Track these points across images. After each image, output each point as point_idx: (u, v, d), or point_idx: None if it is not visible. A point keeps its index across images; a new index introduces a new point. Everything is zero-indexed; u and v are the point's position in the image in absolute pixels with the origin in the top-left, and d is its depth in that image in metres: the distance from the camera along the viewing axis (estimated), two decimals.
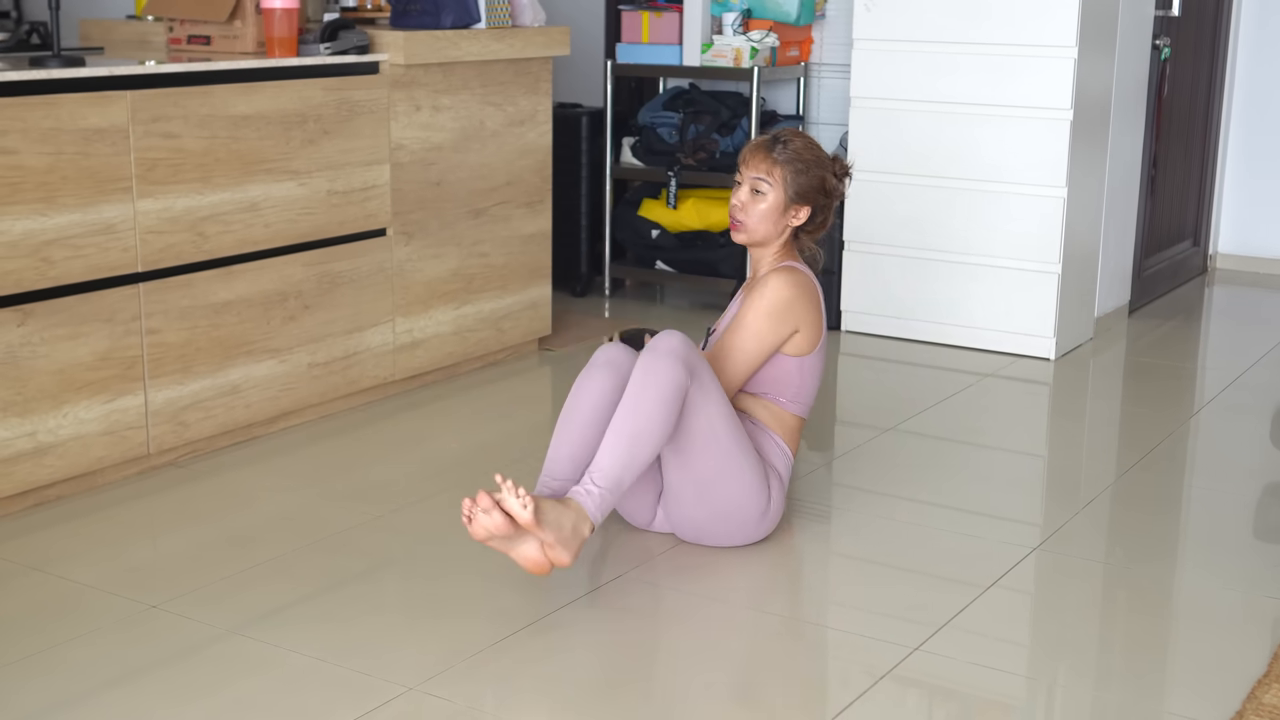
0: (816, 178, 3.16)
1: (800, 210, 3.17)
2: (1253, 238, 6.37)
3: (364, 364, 4.13)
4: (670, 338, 2.92)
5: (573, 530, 2.76)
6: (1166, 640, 2.81)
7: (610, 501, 2.82)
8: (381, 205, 4.11)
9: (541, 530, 2.73)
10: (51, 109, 3.24)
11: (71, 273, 3.33)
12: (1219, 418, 4.22)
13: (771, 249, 3.21)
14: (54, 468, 3.35)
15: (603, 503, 2.81)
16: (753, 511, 3.09)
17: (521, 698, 2.52)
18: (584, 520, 2.78)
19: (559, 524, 2.74)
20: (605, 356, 3.06)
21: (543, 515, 2.73)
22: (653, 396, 2.85)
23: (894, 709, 2.49)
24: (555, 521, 2.74)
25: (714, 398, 2.97)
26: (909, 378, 4.63)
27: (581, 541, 2.78)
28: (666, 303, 5.69)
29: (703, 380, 2.94)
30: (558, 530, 2.74)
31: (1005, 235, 4.82)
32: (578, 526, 2.77)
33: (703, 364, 2.96)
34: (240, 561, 3.06)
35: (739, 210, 3.17)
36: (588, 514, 2.78)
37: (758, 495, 3.08)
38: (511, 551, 2.78)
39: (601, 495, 2.81)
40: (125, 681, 2.54)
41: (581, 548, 2.80)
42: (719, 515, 3.08)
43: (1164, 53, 5.38)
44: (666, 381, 2.86)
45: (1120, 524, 3.41)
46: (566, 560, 2.76)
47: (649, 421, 2.85)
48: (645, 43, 5.52)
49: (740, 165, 3.20)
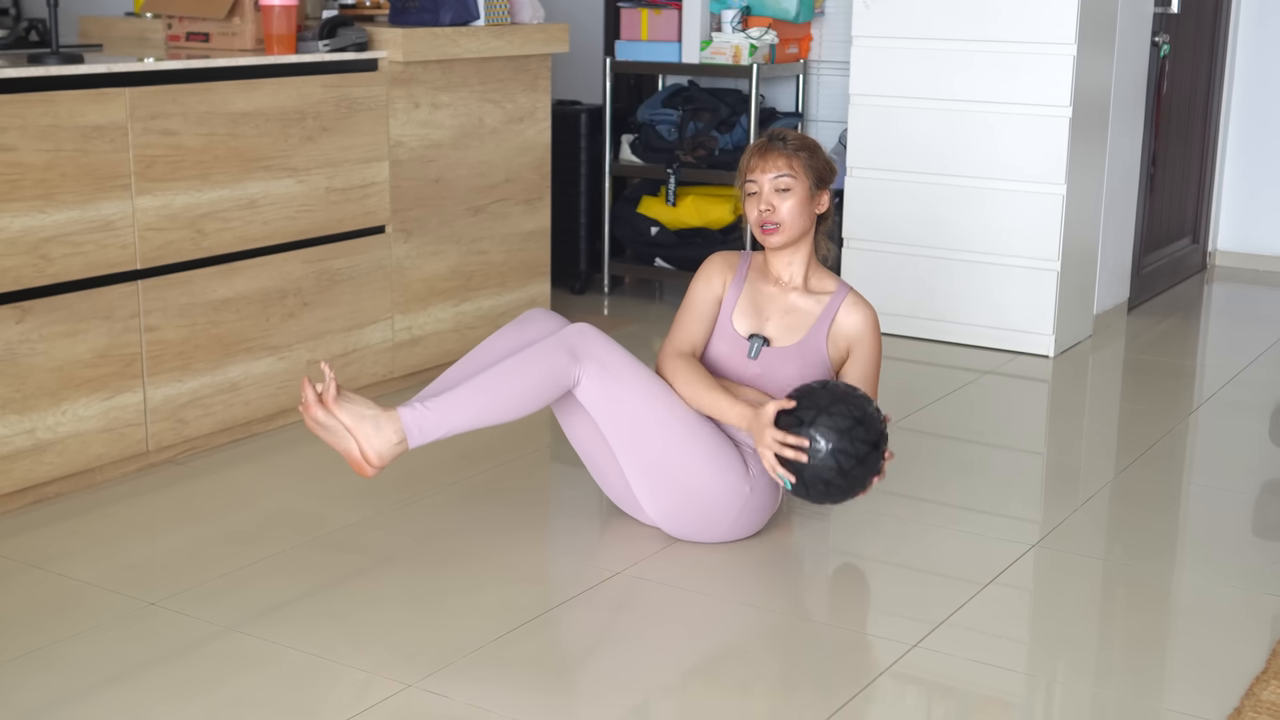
0: (823, 159, 3.21)
1: (822, 196, 3.19)
2: (1252, 235, 6.37)
3: (363, 361, 4.13)
4: (574, 327, 3.04)
5: (375, 426, 2.86)
6: (1165, 637, 2.81)
7: (432, 426, 2.91)
8: (380, 202, 4.11)
9: (341, 412, 2.86)
10: (50, 106, 3.24)
11: (70, 270, 3.33)
12: (1218, 415, 4.22)
13: (802, 250, 3.21)
14: (53, 465, 3.35)
15: (423, 420, 2.90)
16: (726, 502, 3.06)
17: (519, 694, 2.52)
18: (391, 422, 2.88)
19: (360, 415, 2.87)
20: (528, 315, 3.19)
21: (346, 401, 2.88)
22: (522, 367, 2.96)
23: (893, 706, 2.50)
24: (357, 412, 2.88)
25: (633, 384, 3.01)
26: (907, 375, 4.63)
27: (389, 444, 2.88)
28: (665, 300, 5.69)
29: (608, 367, 2.99)
30: (358, 421, 2.86)
31: (1004, 232, 4.82)
32: (381, 426, 2.87)
33: (608, 352, 3.01)
34: (239, 558, 3.06)
35: (770, 213, 3.14)
36: (398, 417, 2.88)
37: (727, 485, 3.04)
38: (336, 445, 2.90)
39: (424, 415, 2.90)
40: (125, 678, 2.54)
41: (392, 454, 2.89)
42: (688, 499, 3.06)
43: (1163, 50, 5.38)
44: (542, 361, 2.96)
45: (1119, 521, 3.41)
46: (372, 457, 2.87)
47: (507, 386, 2.94)
48: (644, 40, 5.52)
49: (748, 173, 3.18)
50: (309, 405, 2.88)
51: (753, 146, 3.21)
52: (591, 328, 3.04)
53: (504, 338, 3.15)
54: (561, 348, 2.98)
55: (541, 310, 3.22)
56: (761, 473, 3.10)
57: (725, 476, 3.05)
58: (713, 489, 3.05)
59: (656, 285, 5.90)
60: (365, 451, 2.88)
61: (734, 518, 3.10)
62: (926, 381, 4.53)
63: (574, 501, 3.42)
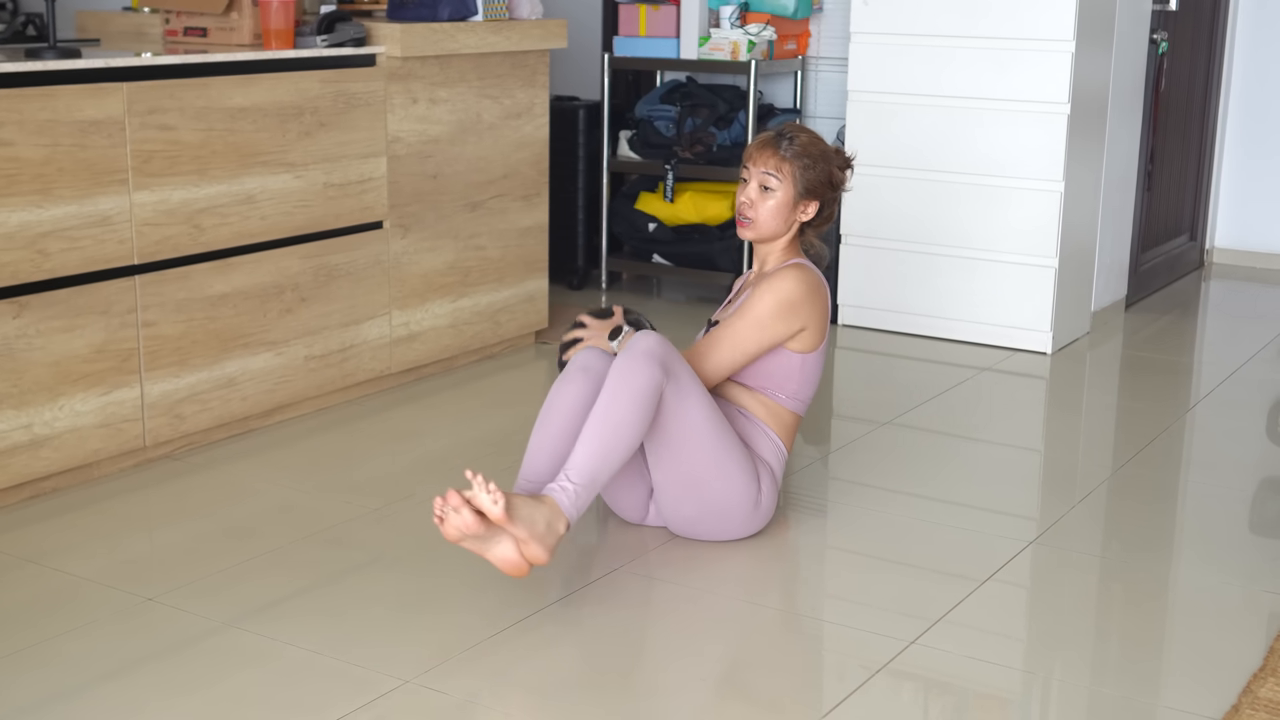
0: (824, 172, 3.16)
1: (809, 205, 3.17)
2: (1250, 232, 6.37)
3: (360, 357, 4.13)
4: (647, 338, 2.92)
5: (547, 526, 2.71)
6: (1163, 634, 2.81)
7: (586, 498, 2.79)
8: (378, 198, 4.11)
9: (514, 526, 2.67)
10: (48, 101, 3.24)
11: (67, 265, 3.32)
12: (1215, 412, 4.22)
13: (779, 245, 3.20)
14: (50, 460, 3.35)
15: (578, 499, 2.77)
16: (743, 505, 3.09)
17: (517, 691, 2.52)
18: (558, 516, 2.74)
19: (532, 519, 2.70)
20: (580, 362, 3.05)
21: (514, 511, 2.68)
22: (627, 395, 2.84)
23: (890, 703, 2.50)
24: (528, 517, 2.69)
25: (693, 396, 2.96)
26: (906, 372, 4.63)
27: (558, 539, 2.74)
28: (663, 296, 5.69)
29: (680, 379, 2.94)
30: (530, 526, 2.69)
31: (1002, 229, 4.82)
32: (552, 522, 2.72)
33: (680, 363, 2.96)
34: (236, 554, 3.06)
35: (748, 207, 3.15)
36: (562, 510, 2.74)
37: (746, 489, 3.07)
38: (487, 553, 2.71)
39: (576, 491, 2.77)
40: (121, 674, 2.54)
41: (558, 545, 2.77)
42: (708, 510, 3.08)
43: (1161, 47, 5.38)
44: (641, 381, 2.86)
45: (1116, 518, 3.41)
46: (543, 558, 2.71)
47: (623, 420, 2.83)
48: (642, 36, 5.52)
49: (746, 162, 3.18)
50: (470, 525, 2.64)
51: (763, 135, 3.20)
52: (662, 337, 2.96)
53: (569, 387, 3.01)
54: (655, 362, 2.89)
55: (588, 350, 3.09)
56: (769, 486, 3.13)
57: (747, 490, 3.08)
58: (735, 502, 3.08)
59: (654, 281, 5.90)
60: (529, 552, 2.70)
61: (740, 525, 3.13)
62: (924, 378, 4.53)
63: None
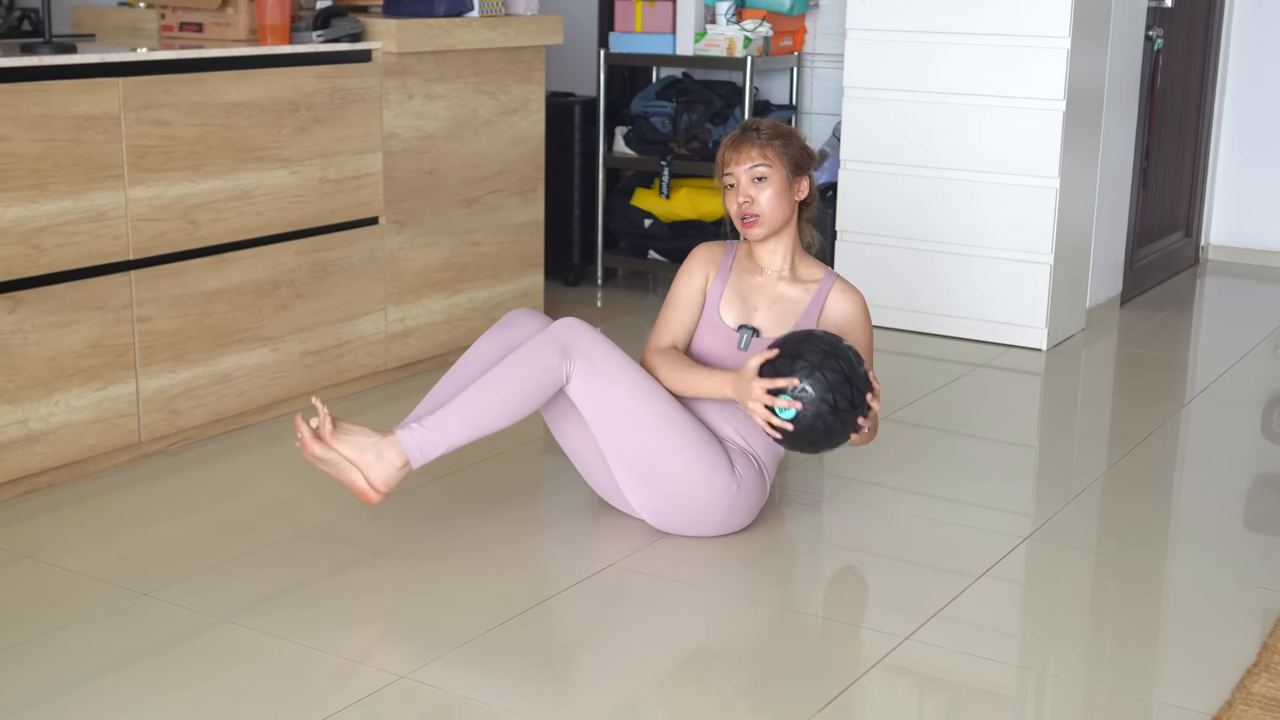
0: (799, 145, 3.18)
1: (801, 182, 3.17)
2: (1244, 229, 6.38)
3: (356, 352, 4.13)
4: (563, 322, 3.01)
5: (376, 455, 2.87)
6: (1157, 630, 2.82)
7: (434, 445, 2.91)
8: (374, 194, 4.11)
9: (340, 446, 2.86)
10: (43, 96, 3.23)
11: (63, 260, 3.32)
12: (1210, 408, 4.22)
13: (785, 238, 3.20)
14: (45, 455, 3.35)
15: (423, 441, 2.90)
16: (713, 497, 3.05)
17: (512, 686, 2.52)
18: (391, 448, 2.88)
19: (359, 444, 2.87)
20: (509, 319, 3.16)
21: (344, 433, 2.88)
22: (515, 371, 2.95)
23: (884, 698, 2.50)
24: (357, 443, 2.87)
25: (613, 381, 2.98)
26: (901, 368, 4.63)
27: (393, 470, 2.88)
28: (658, 292, 5.69)
29: (596, 362, 2.97)
30: (358, 452, 2.87)
31: (998, 226, 4.82)
32: (382, 452, 2.87)
33: (600, 348, 2.98)
34: (231, 549, 3.06)
35: (750, 205, 3.13)
36: (401, 444, 2.88)
37: (714, 480, 3.03)
38: (340, 476, 2.90)
39: (423, 434, 2.91)
40: (116, 669, 2.54)
41: (397, 479, 2.90)
42: (675, 497, 3.06)
43: (1157, 43, 5.39)
44: (532, 361, 2.95)
45: (1111, 514, 3.42)
46: (379, 484, 2.88)
47: (502, 391, 2.94)
48: (638, 32, 5.52)
49: (724, 166, 3.16)
50: (306, 442, 2.87)
51: (726, 140, 3.18)
52: (579, 322, 3.02)
53: (487, 344, 3.13)
54: (552, 345, 2.96)
55: (523, 311, 3.19)
56: (748, 470, 3.09)
57: (712, 475, 3.04)
58: (700, 489, 3.04)
59: (650, 277, 5.90)
60: (371, 480, 2.89)
61: (722, 516, 3.10)
62: (919, 375, 4.54)
63: (566, 493, 3.42)
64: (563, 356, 2.96)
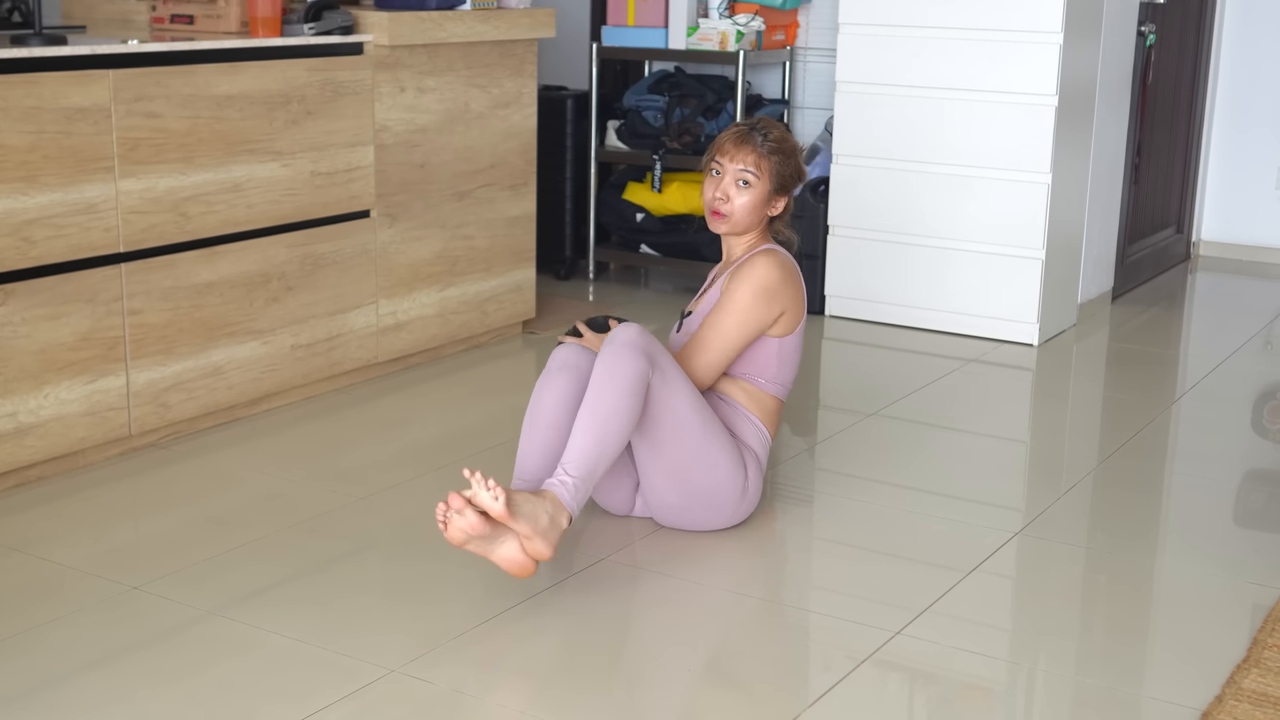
0: (794, 167, 3.19)
1: (779, 201, 3.19)
2: (1235, 225, 6.38)
3: (347, 346, 4.12)
4: (628, 330, 2.93)
5: (550, 521, 2.71)
6: (1147, 625, 2.82)
7: (585, 491, 2.80)
8: (365, 187, 4.10)
9: (516, 522, 2.67)
10: (33, 88, 3.22)
11: (53, 252, 3.31)
12: (1201, 404, 4.23)
13: (749, 235, 3.21)
14: (35, 448, 3.34)
15: (577, 492, 2.78)
16: (729, 494, 3.09)
17: (503, 680, 2.52)
18: (560, 510, 2.74)
19: (535, 515, 2.70)
20: (561, 359, 3.06)
21: (516, 507, 2.68)
22: (615, 388, 2.84)
23: (875, 693, 2.50)
24: (531, 513, 2.69)
25: (678, 385, 2.97)
26: (892, 363, 4.63)
27: (560, 533, 2.74)
28: (650, 286, 5.69)
29: (664, 368, 2.94)
30: (534, 521, 2.69)
31: (990, 221, 4.82)
32: (555, 516, 2.73)
33: (662, 352, 2.96)
34: (222, 543, 3.06)
35: (723, 202, 3.15)
36: (563, 503, 2.75)
37: (733, 478, 3.08)
38: (492, 554, 2.73)
39: (575, 484, 2.78)
40: (106, 662, 2.53)
41: (561, 539, 2.77)
42: (694, 499, 3.08)
43: (1149, 39, 5.39)
44: (628, 372, 2.86)
45: (1102, 509, 3.42)
46: (547, 553, 2.71)
47: (613, 410, 2.83)
48: (631, 25, 5.51)
49: (718, 155, 3.17)
50: (475, 527, 2.65)
51: (732, 129, 3.19)
52: (641, 328, 2.95)
53: (551, 388, 3.02)
54: (638, 353, 2.88)
55: (563, 348, 3.09)
56: (755, 474, 3.14)
57: (734, 478, 3.08)
58: (723, 487, 3.08)
59: (642, 272, 5.90)
60: (532, 550, 2.71)
61: (730, 512, 3.13)
62: (910, 369, 4.54)
63: None
64: (650, 362, 2.90)
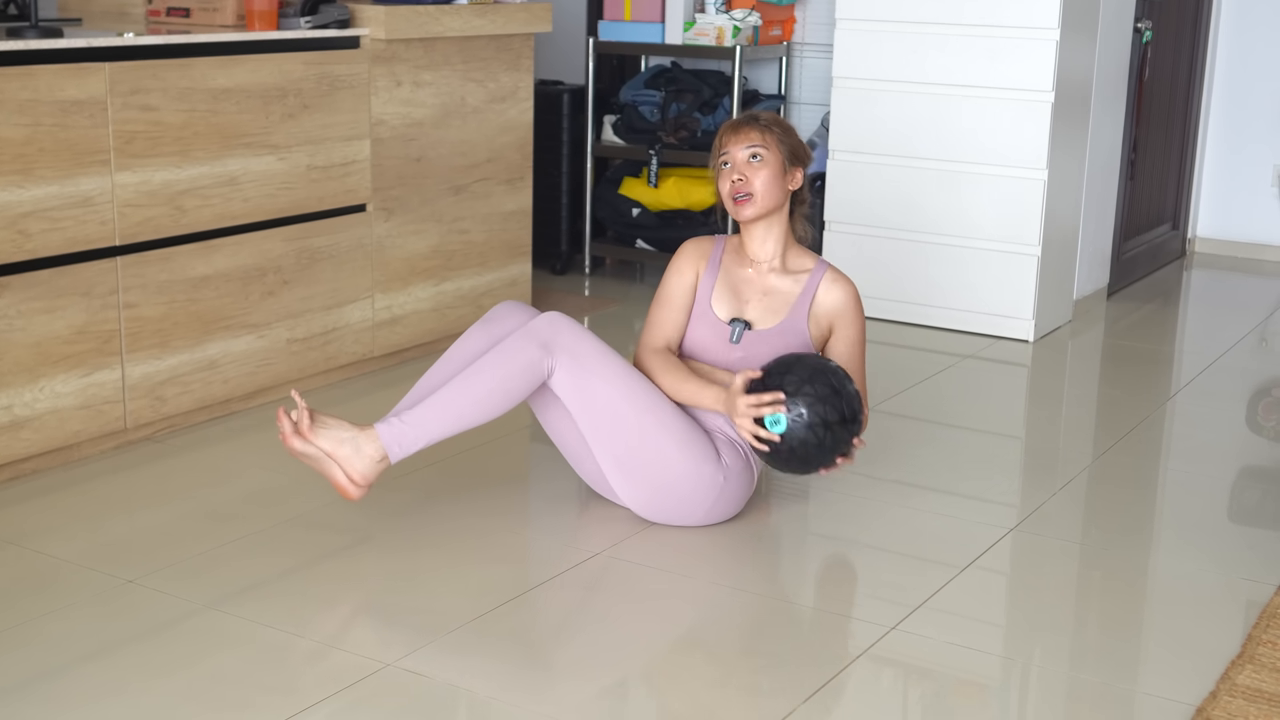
0: (796, 139, 3.21)
1: (796, 173, 3.18)
2: (1231, 222, 6.39)
3: (343, 340, 4.12)
4: (544, 317, 3.01)
5: (354, 448, 2.88)
6: (1142, 621, 2.82)
7: (412, 440, 2.91)
8: (361, 181, 4.09)
9: (316, 438, 2.87)
10: (29, 80, 3.22)
11: (48, 245, 3.31)
12: (1196, 401, 4.24)
13: (777, 228, 3.20)
14: (30, 441, 3.33)
15: (401, 435, 2.91)
16: (698, 485, 3.06)
17: (498, 674, 2.52)
18: (370, 441, 2.88)
19: (338, 438, 2.88)
20: (495, 313, 3.15)
21: (322, 427, 2.89)
22: (495, 367, 2.95)
23: (870, 688, 2.50)
24: (334, 436, 2.88)
25: (604, 375, 2.99)
26: (888, 358, 4.63)
27: (371, 463, 2.89)
28: (646, 281, 5.69)
29: (579, 357, 2.98)
30: (336, 445, 2.87)
31: (985, 217, 4.83)
32: (361, 446, 2.88)
33: (582, 342, 2.98)
34: (217, 537, 3.05)
35: (744, 183, 3.13)
36: (379, 438, 2.89)
37: (697, 468, 3.04)
38: (321, 470, 2.91)
39: (402, 429, 2.91)
40: (101, 655, 2.53)
41: (375, 473, 2.91)
42: (657, 491, 3.06)
43: (1145, 35, 5.39)
44: (512, 357, 2.95)
45: (1097, 505, 3.43)
46: (357, 478, 2.89)
47: (483, 388, 2.94)
48: (627, 20, 5.51)
49: (723, 147, 3.17)
50: (286, 435, 2.89)
51: (725, 125, 3.21)
52: (561, 316, 3.02)
53: (474, 337, 3.12)
54: (532, 341, 2.96)
55: (510, 304, 3.18)
56: (735, 460, 3.10)
57: (699, 467, 3.05)
58: (687, 479, 3.05)
59: (637, 266, 5.90)
60: (349, 474, 2.90)
61: (709, 506, 3.11)
62: (906, 365, 4.54)
63: (553, 482, 3.42)
64: (545, 352, 2.96)
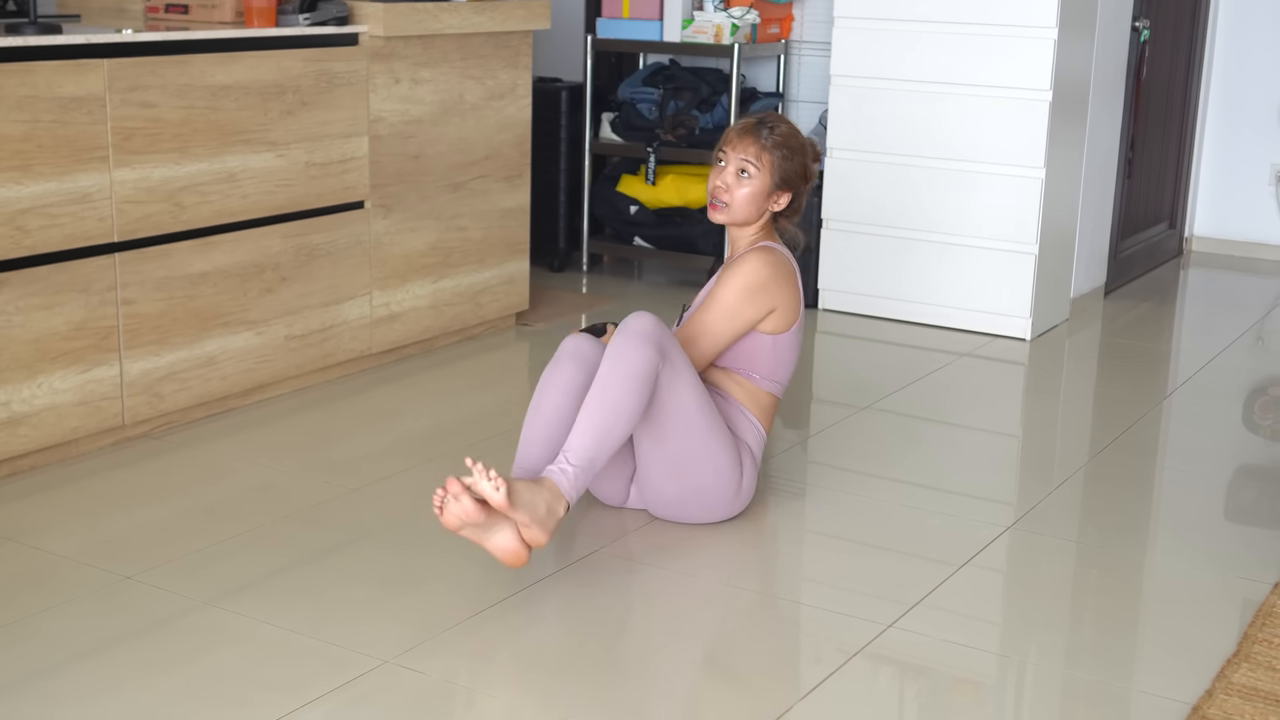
0: (800, 165, 3.17)
1: (782, 196, 3.18)
2: (1228, 221, 6.39)
3: (341, 337, 4.12)
4: (641, 319, 2.91)
5: (547, 510, 2.72)
6: (1138, 619, 2.83)
7: (584, 480, 2.80)
8: (360, 178, 4.10)
9: (515, 511, 2.68)
10: (28, 77, 3.22)
11: (47, 242, 3.31)
12: (1193, 399, 4.24)
13: (750, 230, 3.21)
14: (28, 438, 3.34)
15: (577, 481, 2.78)
16: (725, 488, 3.10)
17: (495, 671, 2.53)
18: (558, 499, 2.75)
19: (533, 504, 2.70)
20: (571, 347, 3.05)
21: (516, 496, 2.68)
22: (623, 377, 2.84)
23: (866, 686, 2.51)
24: (529, 502, 2.70)
25: (685, 377, 2.97)
26: (885, 356, 4.64)
27: (557, 521, 2.75)
28: (644, 279, 5.69)
29: (673, 360, 2.94)
30: (532, 510, 2.70)
31: (983, 215, 4.83)
32: (552, 505, 2.73)
33: (674, 344, 2.96)
34: (215, 533, 3.06)
35: (723, 191, 3.15)
36: (562, 492, 2.75)
37: (730, 472, 3.08)
38: (486, 542, 2.73)
39: (575, 474, 2.78)
40: (99, 651, 2.53)
41: (558, 528, 2.78)
42: (691, 492, 3.09)
43: (1143, 34, 5.39)
44: (637, 362, 2.85)
45: (1093, 504, 3.43)
46: (542, 540, 2.73)
47: (620, 401, 2.83)
48: (626, 18, 5.51)
49: (724, 146, 3.18)
50: (471, 514, 2.65)
51: (742, 121, 3.20)
52: (654, 317, 2.94)
53: (558, 376, 3.01)
54: (650, 343, 2.87)
55: (573, 337, 3.09)
56: (750, 469, 3.14)
57: (730, 476, 3.09)
58: (718, 486, 3.09)
59: (635, 264, 5.90)
60: (531, 537, 2.71)
61: (725, 506, 3.14)
62: (903, 363, 4.54)
63: None
64: (659, 353, 2.89)
